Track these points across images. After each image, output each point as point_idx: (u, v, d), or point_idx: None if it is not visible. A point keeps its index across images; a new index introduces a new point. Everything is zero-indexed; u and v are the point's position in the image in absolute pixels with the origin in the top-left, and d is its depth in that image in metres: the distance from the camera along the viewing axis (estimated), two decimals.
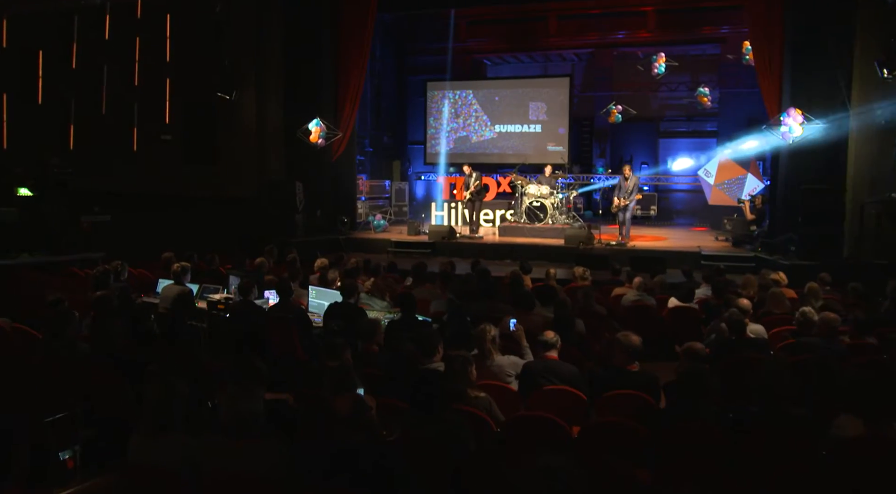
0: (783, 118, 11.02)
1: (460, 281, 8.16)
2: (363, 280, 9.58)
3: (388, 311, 7.07)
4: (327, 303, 7.15)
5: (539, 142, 18.75)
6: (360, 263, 9.93)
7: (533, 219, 14.58)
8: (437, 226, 14.36)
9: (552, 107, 18.60)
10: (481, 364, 4.70)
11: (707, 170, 16.92)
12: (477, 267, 9.62)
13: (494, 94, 19.16)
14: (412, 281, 9.22)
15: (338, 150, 14.69)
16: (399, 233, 15.04)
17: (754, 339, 5.82)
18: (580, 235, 13.04)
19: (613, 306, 8.35)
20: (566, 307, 6.31)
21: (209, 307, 7.08)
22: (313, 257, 11.21)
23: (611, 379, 4.46)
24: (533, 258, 12.73)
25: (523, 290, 6.91)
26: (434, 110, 19.64)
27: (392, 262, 10.63)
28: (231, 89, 13.04)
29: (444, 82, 19.84)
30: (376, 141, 19.83)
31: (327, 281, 7.77)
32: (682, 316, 8.03)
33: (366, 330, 5.12)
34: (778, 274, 8.80)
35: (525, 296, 6.56)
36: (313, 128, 13.55)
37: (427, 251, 13.60)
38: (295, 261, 9.51)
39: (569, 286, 9.40)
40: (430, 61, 20.80)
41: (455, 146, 19.52)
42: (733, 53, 17.57)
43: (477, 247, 13.68)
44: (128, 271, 7.56)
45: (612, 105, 16.55)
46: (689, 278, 9.65)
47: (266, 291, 7.40)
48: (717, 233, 14.69)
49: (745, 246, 12.88)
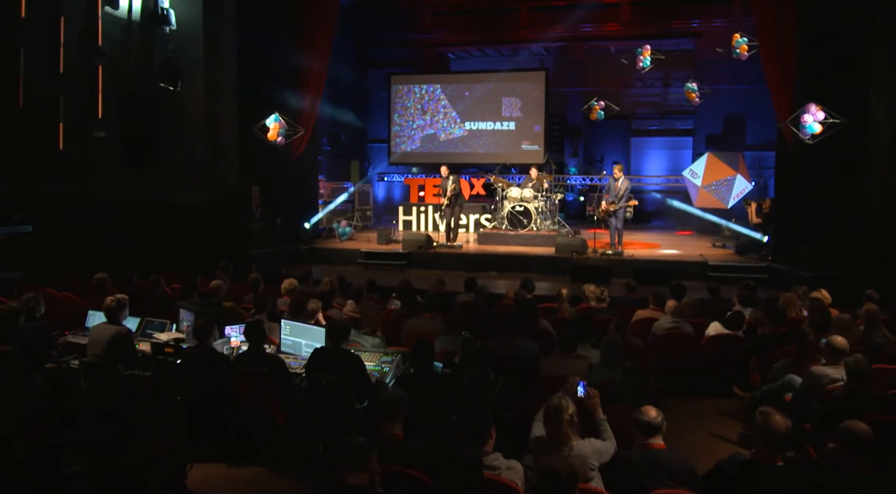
0: (802, 116, 9.95)
1: (465, 309, 6.77)
2: (339, 303, 8.13)
3: (383, 352, 5.63)
4: (304, 342, 5.70)
5: (513, 140, 17.51)
6: (334, 282, 8.43)
7: (516, 226, 13.28)
8: (412, 234, 12.93)
9: (527, 104, 17.38)
10: (553, 451, 3.34)
11: (693, 171, 15.95)
12: (476, 288, 8.25)
13: (464, 89, 17.81)
14: (401, 305, 7.79)
15: (298, 149, 13.12)
16: (367, 242, 13.55)
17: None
18: (573, 244, 11.79)
19: (639, 333, 7.05)
20: (618, 350, 4.98)
21: (154, 350, 5.52)
22: (275, 274, 9.73)
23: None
24: (521, 269, 11.50)
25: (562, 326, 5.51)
26: (399, 106, 18.21)
27: (370, 280, 9.17)
28: (176, 80, 11.35)
29: (410, 76, 18.44)
30: (334, 139, 18.26)
31: (305, 312, 6.27)
32: (725, 346, 6.84)
33: (387, 406, 3.66)
34: (820, 291, 7.69)
35: (566, 335, 5.18)
36: (271, 125, 11.95)
37: (402, 263, 12.16)
38: (258, 284, 7.95)
39: (580, 307, 8.13)
40: (392, 54, 19.47)
41: (422, 144, 18.15)
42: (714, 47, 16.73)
43: (457, 257, 12.29)
44: (44, 307, 5.89)
45: (593, 101, 15.35)
46: (716, 295, 8.48)
47: (227, 327, 5.86)
48: (713, 240, 13.62)
49: (750, 254, 11.82)
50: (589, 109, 15.60)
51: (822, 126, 9.83)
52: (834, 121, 9.67)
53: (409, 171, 19.02)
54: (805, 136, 9.98)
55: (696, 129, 18.81)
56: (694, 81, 15.09)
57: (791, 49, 11.04)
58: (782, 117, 11.07)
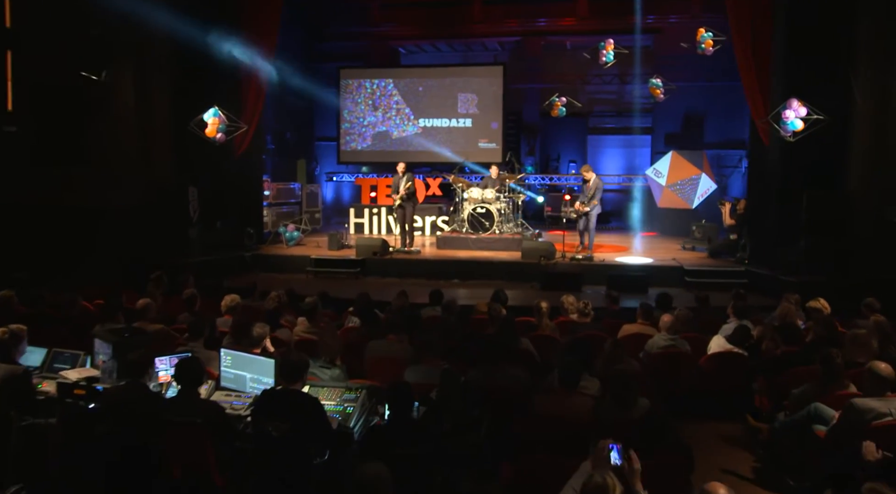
0: (783, 111, 9.38)
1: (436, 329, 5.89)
2: (289, 321, 7.15)
3: (344, 387, 4.68)
4: (249, 376, 4.74)
5: (469, 138, 16.70)
6: (282, 297, 7.44)
7: (477, 229, 12.45)
8: (366, 239, 11.94)
9: (483, 100, 16.59)
10: None
11: (657, 170, 15.40)
12: (442, 301, 7.37)
13: (418, 84, 16.91)
14: (359, 322, 6.86)
15: (241, 147, 12.00)
16: (317, 248, 12.50)
17: None
18: (540, 248, 11.00)
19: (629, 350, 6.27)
20: (630, 382, 4.16)
21: (61, 392, 4.47)
22: (216, 286, 8.68)
23: None
24: (485, 277, 10.71)
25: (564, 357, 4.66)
26: (349, 102, 17.20)
27: (323, 292, 8.19)
28: (101, 68, 10.12)
29: (360, 70, 17.45)
30: (279, 137, 17.12)
31: (249, 337, 5.28)
32: (728, 365, 6.13)
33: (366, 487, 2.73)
34: (818, 300, 7.05)
35: (569, 369, 4.33)
36: (210, 120, 10.80)
37: (356, 270, 11.20)
38: (194, 301, 6.89)
39: (558, 321, 7.34)
40: (341, 47, 18.39)
41: (373, 142, 17.18)
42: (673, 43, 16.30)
43: (415, 264, 11.38)
44: None
45: (555, 97, 14.66)
46: (705, 305, 7.79)
47: (157, 360, 4.83)
48: (683, 241, 13.03)
49: (724, 257, 11.24)
50: (550, 106, 14.92)
51: (804, 122, 9.28)
52: (818, 118, 9.11)
53: (360, 171, 18.04)
54: (786, 133, 9.41)
55: (655, 127, 18.36)
56: (658, 77, 14.57)
57: (766, 42, 10.51)
58: (758, 114, 10.53)
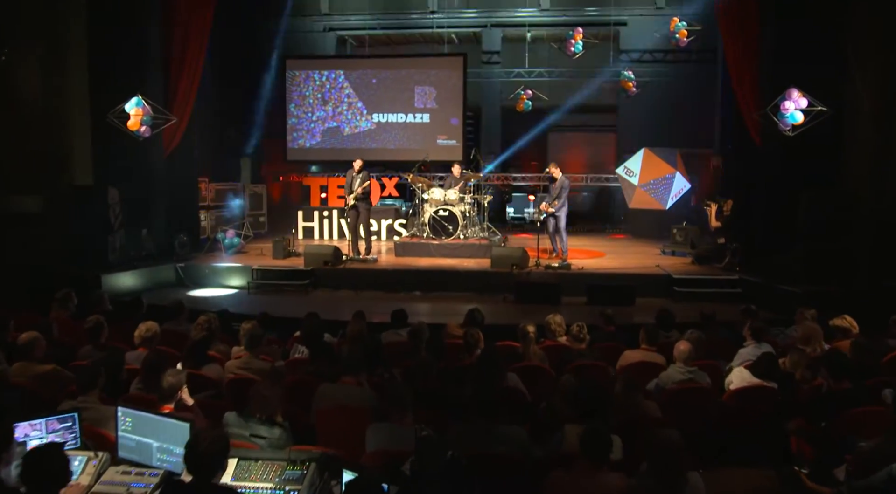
0: (782, 103, 8.45)
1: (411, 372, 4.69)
2: (221, 351, 5.85)
3: (286, 460, 3.42)
4: (156, 444, 3.49)
5: (428, 134, 15.49)
6: (213, 322, 6.11)
7: (439, 233, 11.26)
8: (317, 247, 10.64)
9: (442, 93, 15.40)
10: None
11: (628, 168, 14.46)
12: (407, 323, 6.17)
13: (371, 76, 15.63)
14: (308, 353, 5.61)
15: (171, 143, 10.57)
16: (261, 256, 11.14)
17: None
18: (512, 256, 9.87)
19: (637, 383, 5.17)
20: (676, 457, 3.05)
21: None
22: (135, 304, 7.30)
23: None
24: (450, 288, 9.58)
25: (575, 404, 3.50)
26: (296, 95, 15.83)
27: (264, 313, 6.90)
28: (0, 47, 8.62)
29: (308, 61, 16.11)
30: (219, 132, 15.59)
31: (159, 391, 3.99)
32: (754, 402, 5.08)
33: None
34: (844, 318, 6.12)
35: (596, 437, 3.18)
36: (132, 110, 9.37)
37: (304, 282, 9.91)
38: (99, 331, 5.52)
39: (544, 344, 6.22)
40: (287, 36, 16.91)
41: (323, 139, 15.85)
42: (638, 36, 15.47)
43: (371, 274, 10.14)
44: None
45: (520, 90, 13.60)
46: (712, 325, 6.75)
47: (23, 427, 3.51)
48: (662, 246, 12.07)
49: (711, 263, 10.28)
50: (515, 99, 13.87)
51: (805, 115, 8.38)
52: (821, 109, 8.21)
53: (309, 170, 16.67)
54: (785, 127, 8.50)
55: (619, 125, 17.54)
56: (629, 70, 13.66)
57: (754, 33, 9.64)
58: (748, 108, 9.63)
